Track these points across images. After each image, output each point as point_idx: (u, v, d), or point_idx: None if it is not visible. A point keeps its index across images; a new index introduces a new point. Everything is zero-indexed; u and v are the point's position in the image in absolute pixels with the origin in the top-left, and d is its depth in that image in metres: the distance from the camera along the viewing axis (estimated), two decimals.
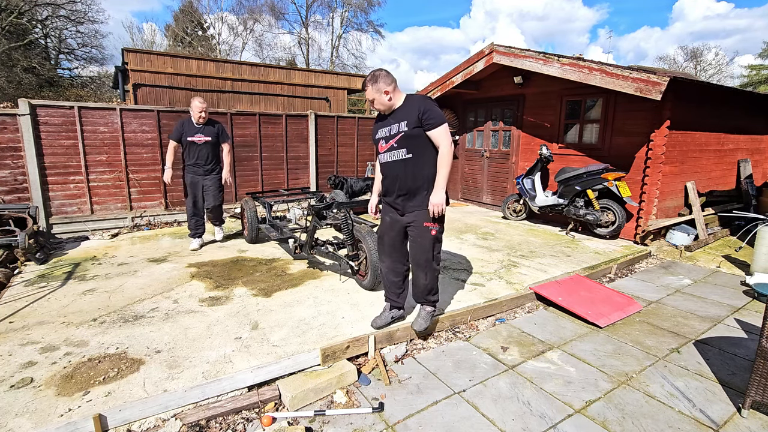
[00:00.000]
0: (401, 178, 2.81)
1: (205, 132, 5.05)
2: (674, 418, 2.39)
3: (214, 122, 5.18)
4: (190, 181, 5.12)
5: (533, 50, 6.39)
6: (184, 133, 4.98)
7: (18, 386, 2.42)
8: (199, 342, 2.95)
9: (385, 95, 2.79)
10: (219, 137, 5.18)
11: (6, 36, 17.76)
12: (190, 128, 5.00)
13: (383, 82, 2.75)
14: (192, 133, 4.98)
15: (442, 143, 2.68)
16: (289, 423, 2.34)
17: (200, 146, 5.02)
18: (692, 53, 32.45)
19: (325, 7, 30.28)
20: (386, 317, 3.16)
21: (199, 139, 4.99)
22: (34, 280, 4.21)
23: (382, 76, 2.76)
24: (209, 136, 5.07)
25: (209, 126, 5.12)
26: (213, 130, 5.12)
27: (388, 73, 2.79)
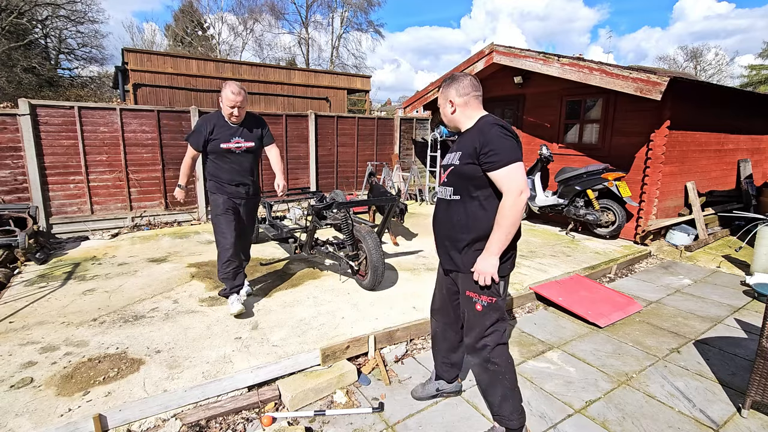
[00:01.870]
0: (442, 224, 2.15)
1: (246, 135, 3.41)
2: (674, 418, 2.39)
3: (256, 118, 3.53)
4: (224, 208, 3.37)
5: (533, 50, 6.39)
6: (214, 138, 3.29)
7: (18, 386, 2.42)
8: (199, 342, 2.95)
9: (449, 106, 2.10)
10: (263, 140, 3.57)
11: (6, 36, 17.76)
12: (222, 130, 3.31)
13: (455, 89, 2.07)
14: (226, 137, 3.31)
15: (505, 190, 1.86)
16: (289, 423, 2.34)
17: (240, 156, 3.39)
18: (692, 53, 32.48)
19: (325, 7, 30.30)
20: (430, 389, 2.54)
21: (237, 145, 3.35)
22: (34, 280, 4.21)
23: (457, 82, 2.08)
24: (251, 141, 3.42)
25: (250, 125, 3.45)
26: (256, 133, 3.47)
27: (471, 82, 2.07)
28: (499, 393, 2.03)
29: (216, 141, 3.29)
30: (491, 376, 2.05)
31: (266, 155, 3.70)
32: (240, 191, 3.44)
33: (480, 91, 2.09)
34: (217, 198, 3.39)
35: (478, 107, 2.08)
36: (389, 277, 4.22)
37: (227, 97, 3.20)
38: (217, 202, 3.38)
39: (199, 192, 7.16)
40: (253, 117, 3.50)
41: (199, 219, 7.18)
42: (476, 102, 2.07)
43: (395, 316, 3.36)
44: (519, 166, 1.85)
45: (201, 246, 5.54)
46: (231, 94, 3.19)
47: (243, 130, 3.39)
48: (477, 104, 2.07)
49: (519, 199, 1.83)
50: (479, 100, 2.08)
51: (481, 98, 2.09)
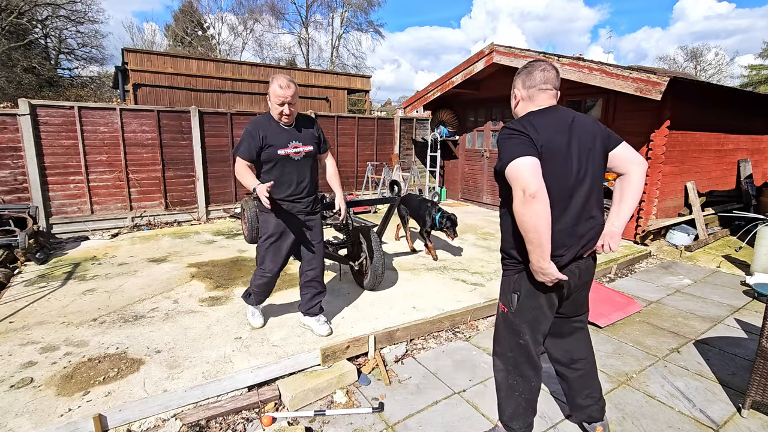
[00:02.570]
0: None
1: (303, 138, 2.85)
2: (674, 418, 2.39)
3: (308, 118, 2.98)
4: (275, 231, 2.85)
5: (533, 50, 6.39)
6: (269, 144, 2.72)
7: (18, 386, 2.42)
8: (199, 342, 2.95)
9: (513, 99, 1.91)
10: (320, 144, 3.00)
11: (6, 36, 17.76)
12: (276, 134, 2.75)
13: (521, 80, 1.85)
14: (282, 141, 2.75)
15: (513, 193, 1.64)
16: (289, 423, 2.34)
17: (299, 164, 2.83)
18: (692, 53, 32.48)
19: (325, 7, 30.30)
20: None
21: (296, 150, 2.79)
22: (34, 280, 4.21)
23: (525, 73, 1.84)
24: (309, 144, 2.86)
25: (304, 126, 2.90)
26: (311, 134, 2.90)
27: (544, 74, 1.80)
28: (508, 401, 2.03)
29: (272, 147, 2.70)
30: (499, 378, 2.06)
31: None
32: (297, 206, 2.87)
33: (551, 84, 1.80)
34: (267, 218, 2.83)
35: (548, 103, 1.80)
36: (389, 277, 4.22)
37: (274, 92, 2.62)
38: (268, 224, 2.83)
39: (198, 192, 7.16)
40: (305, 116, 2.94)
41: (199, 219, 7.18)
42: (544, 97, 1.80)
43: (395, 316, 3.36)
44: (520, 162, 1.59)
45: (201, 246, 5.54)
46: (279, 89, 2.60)
47: (299, 132, 2.82)
48: (545, 99, 1.80)
49: (524, 204, 1.56)
50: (549, 96, 1.80)
51: (553, 93, 1.81)
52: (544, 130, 1.68)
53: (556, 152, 1.68)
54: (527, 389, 1.97)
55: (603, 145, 1.80)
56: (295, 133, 2.81)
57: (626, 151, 1.83)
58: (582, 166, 1.73)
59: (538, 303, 1.83)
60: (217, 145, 7.29)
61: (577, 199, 1.74)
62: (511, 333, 1.93)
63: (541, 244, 1.60)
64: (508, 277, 1.89)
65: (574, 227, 1.74)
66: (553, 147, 1.67)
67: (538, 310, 1.85)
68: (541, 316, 1.86)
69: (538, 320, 1.87)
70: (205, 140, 7.13)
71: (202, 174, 7.13)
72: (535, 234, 1.59)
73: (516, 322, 1.89)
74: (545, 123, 1.70)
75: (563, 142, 1.70)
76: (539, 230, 1.57)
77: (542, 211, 1.55)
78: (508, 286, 1.89)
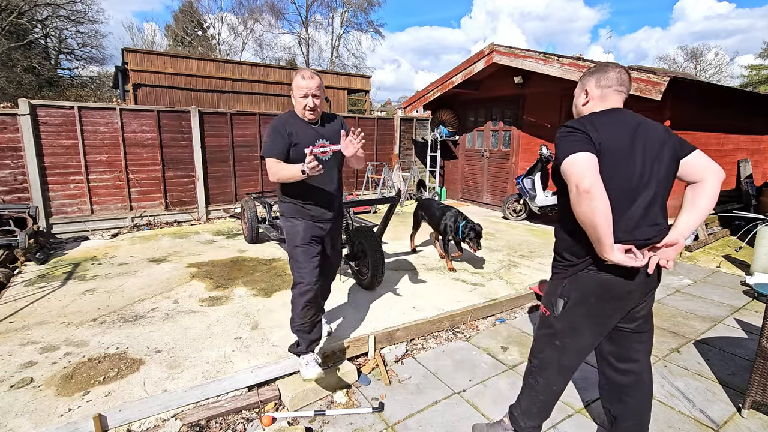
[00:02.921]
0: None
1: (330, 135, 2.58)
2: (674, 418, 2.39)
3: (333, 116, 2.71)
4: (305, 236, 2.54)
5: (533, 50, 6.39)
6: (294, 143, 2.45)
7: (18, 386, 2.42)
8: (199, 342, 2.95)
9: (583, 96, 1.84)
10: None
11: (6, 36, 17.76)
12: (302, 132, 2.49)
13: (596, 78, 1.80)
14: (309, 139, 2.49)
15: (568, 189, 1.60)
16: (289, 423, 2.34)
17: (326, 164, 2.51)
18: (692, 53, 32.48)
19: (325, 7, 30.30)
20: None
21: (323, 150, 2.50)
22: (34, 280, 4.21)
23: (601, 71, 1.80)
24: (337, 142, 2.53)
25: (331, 124, 2.63)
26: (337, 131, 2.55)
27: (619, 75, 1.76)
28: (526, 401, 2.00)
29: (299, 146, 2.41)
30: (525, 381, 2.02)
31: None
32: (326, 213, 2.59)
33: (625, 87, 1.78)
34: (295, 225, 2.55)
35: (614, 105, 1.76)
36: (389, 277, 4.22)
37: (297, 84, 2.40)
38: (296, 230, 2.55)
39: (198, 192, 7.17)
40: (329, 114, 2.68)
41: (199, 219, 7.18)
42: (616, 99, 1.77)
43: (395, 316, 3.36)
44: (575, 158, 1.55)
45: (201, 246, 5.54)
46: (301, 80, 2.38)
47: (325, 130, 2.56)
48: (616, 101, 1.77)
49: (578, 195, 1.51)
50: (621, 99, 1.77)
51: (624, 97, 1.78)
52: (605, 130, 1.63)
53: (616, 153, 1.62)
54: (547, 392, 1.93)
55: (673, 152, 1.72)
56: (321, 130, 2.54)
57: (701, 158, 1.75)
58: (646, 170, 1.66)
59: (587, 312, 1.74)
60: (217, 145, 7.29)
61: (639, 203, 1.66)
62: (548, 336, 1.87)
63: (599, 238, 1.54)
64: (557, 281, 1.82)
65: (632, 231, 1.66)
66: (613, 147, 1.61)
67: (586, 320, 1.76)
68: (587, 328, 1.77)
69: (581, 330, 1.78)
70: (205, 140, 7.14)
71: (202, 174, 7.13)
72: (592, 229, 1.54)
73: (556, 326, 1.82)
74: (607, 123, 1.66)
75: (625, 143, 1.64)
76: (595, 225, 1.51)
77: (597, 207, 1.49)
78: (555, 290, 1.81)
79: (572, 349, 1.82)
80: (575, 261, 1.73)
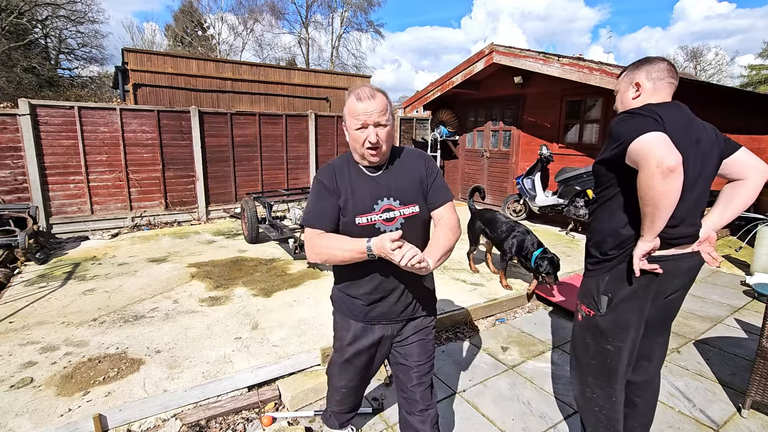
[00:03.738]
0: None
1: (400, 188, 1.61)
2: (674, 418, 2.39)
3: (410, 153, 1.72)
4: (349, 344, 1.74)
5: (533, 50, 6.39)
6: (346, 208, 1.57)
7: (18, 386, 2.42)
8: (199, 342, 2.95)
9: (633, 90, 1.74)
10: (432, 194, 1.65)
11: (6, 36, 17.76)
12: (356, 185, 1.59)
13: (645, 71, 1.70)
14: (363, 200, 1.57)
15: (640, 167, 1.43)
16: (289, 423, 2.34)
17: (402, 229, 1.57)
18: (692, 53, 32.46)
19: (325, 7, 30.28)
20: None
21: (388, 216, 1.57)
22: (34, 280, 4.21)
23: (650, 63, 1.71)
24: (414, 200, 1.62)
25: (403, 167, 1.65)
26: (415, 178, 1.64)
27: (668, 66, 1.69)
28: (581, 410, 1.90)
29: (348, 210, 1.56)
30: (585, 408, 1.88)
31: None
32: (393, 308, 1.66)
33: (675, 79, 1.70)
34: (342, 323, 1.75)
35: (666, 99, 1.69)
36: None
37: (351, 109, 1.51)
38: (341, 329, 1.77)
39: (198, 192, 7.17)
40: (407, 150, 1.71)
41: (199, 219, 7.18)
42: (668, 92, 1.69)
43: None
44: (651, 136, 1.41)
45: (201, 246, 5.54)
46: (356, 103, 1.49)
47: (394, 178, 1.60)
48: (667, 94, 1.69)
49: (663, 173, 1.35)
50: (671, 92, 1.70)
51: (674, 90, 1.71)
52: (669, 121, 1.53)
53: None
54: (608, 405, 1.78)
55: (720, 151, 1.70)
56: (385, 179, 1.58)
57: (748, 156, 1.73)
58: (696, 169, 1.61)
59: (634, 307, 1.68)
60: (217, 145, 7.29)
61: (686, 202, 1.58)
62: (595, 339, 1.75)
63: (658, 222, 1.46)
64: (596, 278, 1.74)
65: (674, 228, 1.61)
66: (673, 141, 1.48)
67: (632, 314, 1.69)
68: (633, 323, 1.70)
69: (629, 326, 1.70)
70: (205, 140, 7.14)
71: (202, 174, 7.13)
72: (663, 212, 1.42)
73: (603, 327, 1.72)
74: (669, 113, 1.56)
75: (681, 138, 1.53)
76: (668, 207, 1.41)
77: (678, 188, 1.38)
78: (596, 287, 1.73)
79: (624, 349, 1.72)
80: (617, 254, 1.66)
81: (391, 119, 1.54)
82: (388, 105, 1.52)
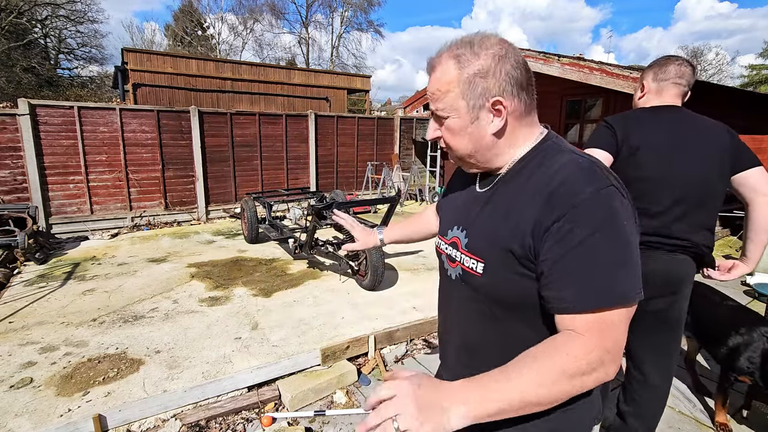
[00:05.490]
0: None
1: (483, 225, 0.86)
2: (674, 418, 2.39)
3: (551, 168, 0.78)
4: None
5: (533, 50, 6.39)
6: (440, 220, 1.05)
7: (18, 386, 2.41)
8: (198, 342, 2.94)
9: (639, 91, 1.82)
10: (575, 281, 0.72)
11: (6, 36, 17.76)
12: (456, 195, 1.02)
13: (652, 72, 1.74)
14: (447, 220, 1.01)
15: None
16: (289, 423, 2.34)
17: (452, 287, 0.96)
18: (693, 53, 32.45)
19: (326, 7, 30.28)
20: None
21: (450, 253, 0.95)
22: (34, 280, 4.21)
23: (658, 65, 1.73)
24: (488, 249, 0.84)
25: (526, 184, 0.80)
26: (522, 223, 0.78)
27: (679, 67, 1.68)
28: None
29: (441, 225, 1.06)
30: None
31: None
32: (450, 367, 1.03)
33: (685, 80, 1.67)
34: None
35: (673, 101, 1.68)
36: (389, 277, 4.21)
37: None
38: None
39: (198, 192, 7.16)
40: (550, 168, 0.79)
41: (199, 219, 7.18)
42: (674, 93, 1.68)
43: (395, 316, 3.35)
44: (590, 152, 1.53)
45: (201, 246, 5.54)
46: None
47: (495, 200, 0.86)
48: (673, 94, 1.68)
49: None
50: (679, 93, 1.68)
51: (684, 91, 1.69)
52: (640, 127, 1.63)
53: (650, 149, 1.60)
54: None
55: (727, 158, 1.64)
56: (481, 201, 0.91)
57: (755, 177, 1.61)
58: (684, 172, 1.61)
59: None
60: (216, 145, 7.29)
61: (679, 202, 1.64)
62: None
63: None
64: None
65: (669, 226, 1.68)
66: (647, 143, 1.61)
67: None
68: None
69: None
70: (205, 140, 7.14)
71: (201, 174, 7.13)
72: None
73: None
74: (646, 119, 1.65)
75: (661, 141, 1.61)
76: None
77: None
78: None
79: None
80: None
81: (457, 104, 0.83)
82: (462, 78, 0.81)
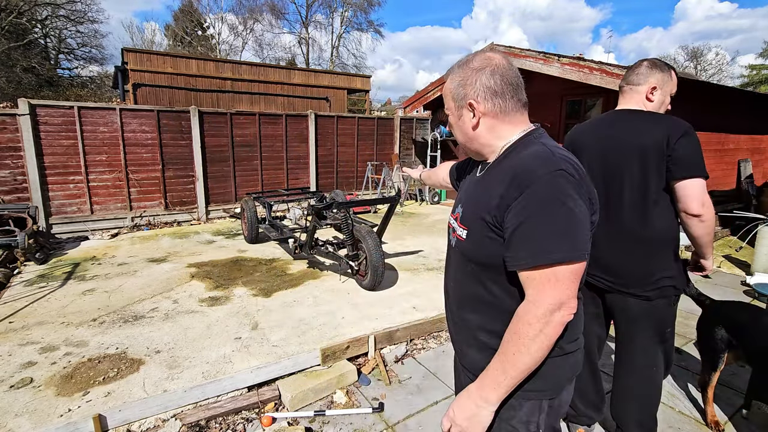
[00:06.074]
0: None
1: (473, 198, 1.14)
2: (674, 418, 2.39)
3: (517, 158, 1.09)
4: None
5: (533, 50, 6.39)
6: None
7: (18, 386, 2.41)
8: (198, 342, 2.94)
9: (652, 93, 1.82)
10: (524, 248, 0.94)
11: (6, 36, 17.75)
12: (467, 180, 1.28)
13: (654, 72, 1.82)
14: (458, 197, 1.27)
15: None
16: (289, 423, 2.34)
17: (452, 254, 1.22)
18: (693, 53, 32.45)
19: (326, 7, 30.28)
20: None
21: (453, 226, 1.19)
22: (34, 280, 4.21)
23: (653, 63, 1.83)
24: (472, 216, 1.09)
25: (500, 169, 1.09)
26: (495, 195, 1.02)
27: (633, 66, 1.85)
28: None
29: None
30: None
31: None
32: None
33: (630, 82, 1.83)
34: None
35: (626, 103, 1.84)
36: (389, 277, 4.21)
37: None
38: None
39: (198, 192, 7.16)
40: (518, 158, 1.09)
41: (199, 219, 7.18)
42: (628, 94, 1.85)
43: (395, 316, 3.35)
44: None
45: (201, 246, 5.54)
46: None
47: (485, 182, 1.12)
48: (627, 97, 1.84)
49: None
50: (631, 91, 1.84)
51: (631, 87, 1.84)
52: (582, 129, 1.92)
53: (584, 149, 1.85)
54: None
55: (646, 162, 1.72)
56: (477, 183, 1.16)
57: (684, 190, 1.78)
58: (609, 170, 1.79)
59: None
60: (217, 145, 7.29)
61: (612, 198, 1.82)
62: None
63: None
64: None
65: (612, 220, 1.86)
66: (581, 144, 1.88)
67: None
68: None
69: None
70: (205, 140, 7.14)
71: (201, 174, 7.13)
72: None
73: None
74: (591, 122, 1.92)
75: (590, 141, 1.86)
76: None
77: None
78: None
79: None
80: None
81: (450, 105, 1.13)
82: (452, 87, 1.10)
